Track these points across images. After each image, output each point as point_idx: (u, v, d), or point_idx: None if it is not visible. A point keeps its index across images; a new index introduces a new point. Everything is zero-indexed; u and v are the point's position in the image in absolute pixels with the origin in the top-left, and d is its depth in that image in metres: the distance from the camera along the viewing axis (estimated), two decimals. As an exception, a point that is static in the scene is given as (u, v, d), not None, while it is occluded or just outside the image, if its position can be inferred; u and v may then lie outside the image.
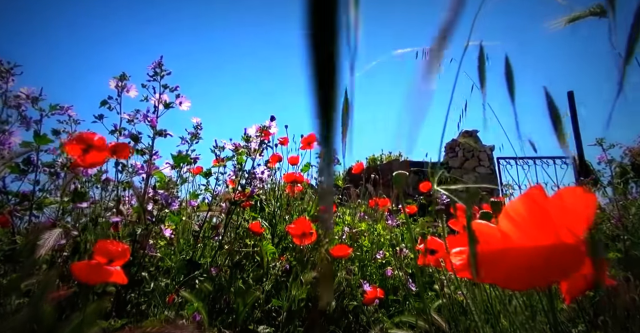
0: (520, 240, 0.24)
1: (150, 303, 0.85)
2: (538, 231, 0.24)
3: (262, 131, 1.33)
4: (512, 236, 0.24)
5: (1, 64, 1.02)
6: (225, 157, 1.35)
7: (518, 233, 0.24)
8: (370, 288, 1.12)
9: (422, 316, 1.13)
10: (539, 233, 0.24)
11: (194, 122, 1.36)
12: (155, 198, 1.03)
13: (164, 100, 1.16)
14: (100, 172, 1.22)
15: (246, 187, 1.32)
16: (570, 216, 0.24)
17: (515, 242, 0.24)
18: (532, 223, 0.24)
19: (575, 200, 0.24)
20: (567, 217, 0.24)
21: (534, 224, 0.24)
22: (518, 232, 0.24)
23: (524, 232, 0.24)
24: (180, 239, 1.18)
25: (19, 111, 0.98)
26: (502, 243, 0.24)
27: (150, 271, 1.01)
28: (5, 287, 0.73)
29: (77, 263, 0.53)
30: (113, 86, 1.20)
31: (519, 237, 0.24)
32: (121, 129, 1.17)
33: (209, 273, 0.99)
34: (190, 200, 1.42)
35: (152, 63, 1.20)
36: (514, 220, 0.24)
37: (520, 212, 0.24)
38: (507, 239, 0.24)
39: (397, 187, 0.34)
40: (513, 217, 0.24)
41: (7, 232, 1.04)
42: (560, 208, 0.24)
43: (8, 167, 0.98)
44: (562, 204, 0.24)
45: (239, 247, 1.29)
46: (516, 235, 0.24)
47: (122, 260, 0.54)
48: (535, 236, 0.24)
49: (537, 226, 0.24)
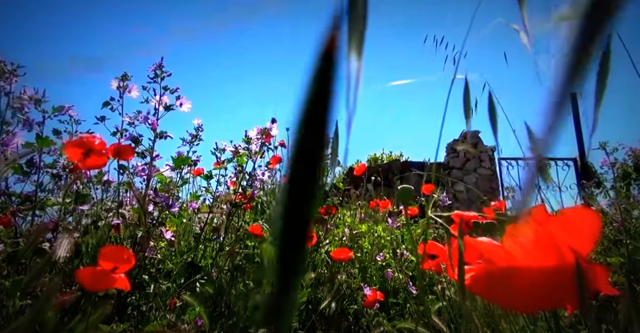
0: (525, 260, 0.24)
1: (151, 306, 0.85)
2: (543, 252, 0.24)
3: (263, 134, 1.33)
4: (517, 257, 0.24)
5: (5, 65, 1.03)
6: (226, 160, 1.35)
7: (523, 253, 0.24)
8: (371, 292, 1.12)
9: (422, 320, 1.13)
10: (543, 254, 0.24)
11: (195, 123, 1.36)
12: (156, 200, 1.03)
13: (165, 102, 1.16)
14: (101, 174, 1.22)
15: (247, 189, 1.32)
16: (574, 237, 0.24)
17: (520, 262, 0.24)
18: (537, 243, 0.24)
19: (580, 221, 0.24)
20: (571, 237, 0.24)
21: (538, 245, 0.24)
22: (523, 253, 0.24)
23: (528, 252, 0.24)
24: (181, 241, 1.18)
25: (21, 113, 0.98)
26: (506, 264, 0.24)
27: (151, 272, 1.01)
28: (8, 289, 0.73)
29: (82, 270, 0.53)
30: (115, 87, 1.20)
31: (524, 258, 0.24)
32: (123, 130, 1.17)
33: (210, 276, 0.99)
34: (191, 201, 1.43)
35: (153, 65, 1.20)
36: (518, 241, 0.24)
37: (524, 232, 0.24)
38: (512, 260, 0.24)
39: (402, 202, 0.34)
40: (518, 237, 0.24)
41: (9, 232, 1.04)
42: (564, 229, 0.24)
43: (11, 168, 0.98)
44: (566, 224, 0.24)
45: (240, 248, 1.29)
46: (521, 256, 0.24)
47: (126, 267, 0.54)
48: (539, 257, 0.24)
49: (542, 247, 0.24)
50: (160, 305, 0.85)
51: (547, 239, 0.24)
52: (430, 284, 1.47)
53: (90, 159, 0.85)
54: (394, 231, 1.98)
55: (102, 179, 1.18)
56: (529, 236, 0.24)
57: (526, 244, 0.24)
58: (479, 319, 0.71)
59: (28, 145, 1.00)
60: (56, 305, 0.50)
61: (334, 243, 1.69)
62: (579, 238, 0.24)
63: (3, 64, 1.02)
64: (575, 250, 0.23)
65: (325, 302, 1.23)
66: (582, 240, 0.24)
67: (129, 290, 0.56)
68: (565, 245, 0.23)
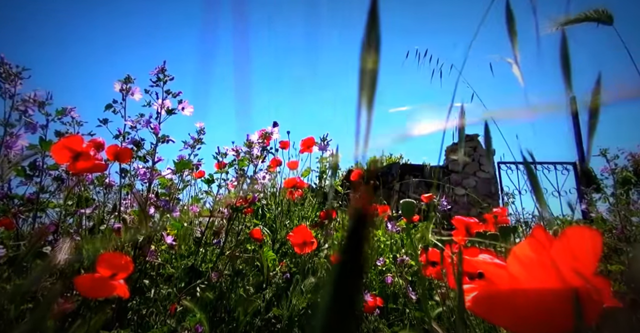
0: (528, 282, 0.24)
1: (152, 311, 0.85)
2: (545, 274, 0.24)
3: (264, 137, 1.33)
4: (520, 278, 0.24)
5: (10, 68, 1.03)
6: (227, 164, 1.35)
7: (525, 275, 0.24)
8: (371, 298, 1.12)
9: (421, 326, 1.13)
10: (546, 276, 0.24)
11: (198, 126, 1.36)
12: (157, 204, 1.03)
13: (167, 106, 1.16)
14: (103, 176, 1.23)
15: (248, 193, 1.32)
16: (576, 258, 0.24)
17: (523, 284, 0.24)
18: (540, 265, 0.24)
19: (582, 242, 0.24)
20: (573, 259, 0.24)
21: (541, 267, 0.24)
22: (525, 274, 0.24)
23: (531, 274, 0.24)
24: (181, 245, 1.18)
25: (25, 115, 0.99)
26: (509, 285, 0.25)
27: (152, 276, 1.01)
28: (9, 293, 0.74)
29: (81, 277, 0.53)
30: (118, 89, 1.21)
31: (527, 280, 0.24)
32: (125, 133, 1.17)
33: (210, 280, 0.99)
34: (191, 204, 1.43)
35: (155, 68, 1.20)
36: (521, 262, 0.24)
37: (527, 253, 0.24)
38: (515, 281, 0.25)
39: (405, 216, 0.34)
40: (521, 259, 0.24)
41: (10, 234, 1.04)
42: (566, 250, 0.24)
43: (14, 170, 0.98)
44: (568, 246, 0.24)
45: (240, 252, 1.29)
46: (524, 278, 0.24)
47: (125, 273, 0.55)
48: (542, 279, 0.24)
49: (545, 268, 0.24)
50: (161, 310, 0.85)
51: (550, 261, 0.24)
52: (430, 289, 1.48)
53: (79, 162, 0.81)
54: (394, 235, 1.98)
55: (103, 182, 1.18)
56: (531, 257, 0.24)
57: (529, 266, 0.24)
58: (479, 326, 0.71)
59: (32, 148, 1.00)
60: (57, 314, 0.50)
61: (334, 247, 1.69)
62: (581, 260, 0.24)
63: (8, 66, 1.03)
64: (578, 271, 0.23)
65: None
66: (584, 261, 0.24)
67: (128, 296, 0.56)
68: (568, 267, 0.24)
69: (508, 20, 0.26)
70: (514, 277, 0.25)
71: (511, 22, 0.26)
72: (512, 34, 0.25)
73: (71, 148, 0.74)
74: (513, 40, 0.25)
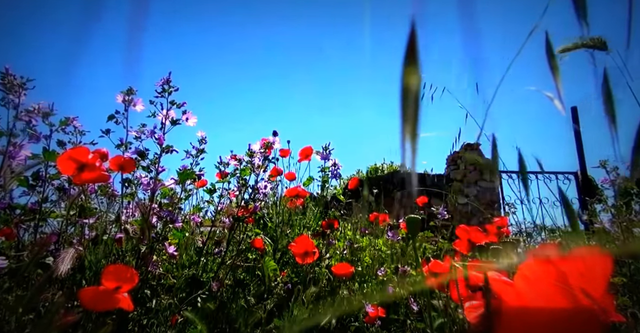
0: (536, 301, 0.24)
1: (152, 322, 0.84)
2: (554, 292, 0.24)
3: (266, 147, 1.34)
4: (528, 296, 0.25)
5: (14, 78, 1.04)
6: (229, 174, 1.36)
7: (534, 294, 0.24)
8: (372, 309, 1.12)
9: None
10: (554, 295, 0.24)
11: (199, 135, 1.37)
12: (160, 214, 1.03)
13: (171, 117, 1.17)
14: (106, 186, 1.23)
15: (249, 203, 1.32)
16: (586, 278, 0.24)
17: (531, 303, 0.24)
18: (548, 284, 0.24)
19: (591, 262, 0.24)
20: (583, 278, 0.24)
21: (549, 285, 0.24)
22: (534, 293, 0.24)
23: (540, 293, 0.24)
24: (183, 254, 1.18)
25: (29, 126, 0.99)
26: (516, 303, 0.25)
27: (153, 286, 1.01)
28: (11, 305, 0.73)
29: (84, 290, 0.53)
30: (120, 100, 1.22)
31: (535, 298, 0.24)
32: (127, 143, 1.18)
33: (211, 291, 0.99)
34: (193, 214, 1.43)
35: (161, 79, 1.21)
36: (530, 281, 0.25)
37: (536, 272, 0.25)
38: (522, 299, 0.25)
39: (410, 232, 0.34)
40: (529, 277, 0.25)
41: (11, 244, 1.04)
42: (576, 270, 0.24)
43: (17, 180, 0.98)
44: (577, 265, 0.24)
45: (241, 261, 1.29)
46: (532, 296, 0.24)
47: (130, 286, 0.55)
48: (550, 297, 0.24)
49: (553, 287, 0.24)
50: (162, 320, 0.84)
51: (559, 281, 0.24)
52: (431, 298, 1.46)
53: (84, 173, 0.81)
54: (395, 245, 1.97)
55: (107, 191, 1.18)
56: (540, 276, 0.24)
57: (537, 284, 0.25)
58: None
59: (34, 157, 1.01)
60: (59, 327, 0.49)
61: (335, 257, 1.69)
62: (591, 282, 0.24)
63: (12, 77, 1.04)
64: (587, 292, 0.24)
65: (326, 318, 1.23)
66: (594, 283, 0.24)
67: (132, 309, 0.56)
68: (578, 289, 0.24)
69: (548, 55, 0.27)
70: (520, 295, 0.25)
71: (552, 57, 0.27)
72: (554, 70, 0.26)
73: (77, 159, 0.74)
74: (555, 75, 0.26)
